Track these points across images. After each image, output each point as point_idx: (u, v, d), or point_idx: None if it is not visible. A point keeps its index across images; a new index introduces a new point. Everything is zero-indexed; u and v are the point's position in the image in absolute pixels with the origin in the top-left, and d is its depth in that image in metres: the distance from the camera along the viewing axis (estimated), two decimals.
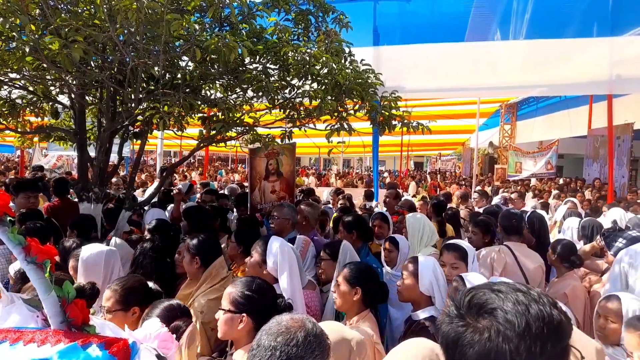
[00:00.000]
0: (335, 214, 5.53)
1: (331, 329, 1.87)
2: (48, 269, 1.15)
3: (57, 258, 2.85)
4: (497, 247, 3.74)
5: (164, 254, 3.33)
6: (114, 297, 2.23)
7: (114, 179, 8.35)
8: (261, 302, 2.04)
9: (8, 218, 1.13)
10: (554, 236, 5.45)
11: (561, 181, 16.62)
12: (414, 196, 11.64)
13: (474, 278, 2.47)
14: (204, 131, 4.50)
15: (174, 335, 1.30)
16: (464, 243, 3.24)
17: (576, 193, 11.44)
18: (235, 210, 5.94)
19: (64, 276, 2.29)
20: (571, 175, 20.16)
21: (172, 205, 5.45)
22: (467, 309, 1.02)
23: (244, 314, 1.99)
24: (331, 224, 5.49)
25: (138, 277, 2.47)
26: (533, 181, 16.80)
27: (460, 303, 1.05)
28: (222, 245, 4.15)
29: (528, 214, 4.90)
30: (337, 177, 22.31)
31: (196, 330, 2.08)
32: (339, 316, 2.92)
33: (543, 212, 6.37)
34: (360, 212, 5.78)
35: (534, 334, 0.93)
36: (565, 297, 3.43)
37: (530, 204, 8.73)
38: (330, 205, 7.49)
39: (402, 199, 6.86)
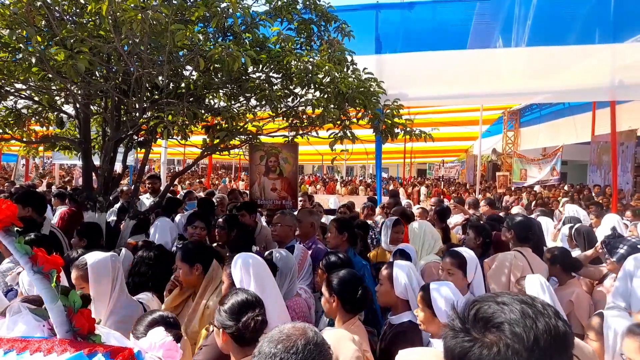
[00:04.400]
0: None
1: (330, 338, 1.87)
2: (54, 279, 1.16)
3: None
4: (511, 252, 3.70)
5: (163, 264, 3.34)
6: None
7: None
8: (233, 321, 2.06)
9: (15, 228, 1.15)
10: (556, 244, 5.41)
11: (565, 187, 16.56)
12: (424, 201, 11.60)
13: (443, 290, 2.47)
14: (208, 139, 4.53)
15: (179, 344, 1.31)
16: (466, 251, 3.21)
17: (582, 201, 11.39)
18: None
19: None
20: (575, 181, 20.12)
21: (179, 215, 5.45)
22: (472, 323, 1.00)
23: (221, 329, 2.05)
24: None
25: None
26: (537, 188, 16.75)
27: (464, 316, 1.03)
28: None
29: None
30: (342, 184, 22.40)
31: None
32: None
33: (547, 219, 6.37)
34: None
35: (542, 347, 0.93)
36: (571, 304, 3.45)
37: (515, 211, 8.75)
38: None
39: (394, 207, 6.86)
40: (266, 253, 3.28)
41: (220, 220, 4.62)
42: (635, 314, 2.83)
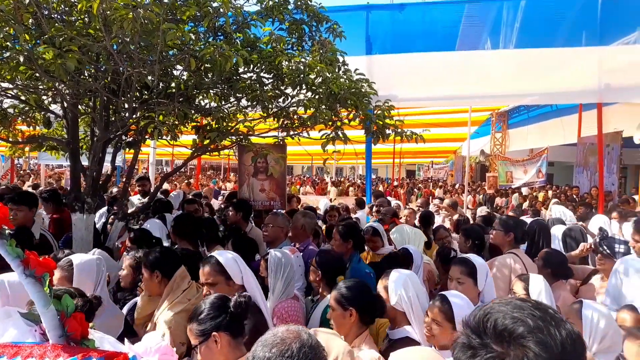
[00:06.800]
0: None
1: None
2: (47, 283, 1.13)
3: None
4: (509, 256, 3.66)
5: None
6: None
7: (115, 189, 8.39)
8: (222, 314, 1.99)
9: (7, 231, 1.12)
10: None
11: (550, 192, 16.73)
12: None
13: (456, 298, 2.40)
14: (198, 140, 4.49)
15: (174, 349, 1.29)
16: (475, 258, 3.03)
17: (571, 202, 11.52)
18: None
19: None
20: (561, 183, 20.36)
21: (169, 215, 5.40)
22: (494, 336, 0.94)
23: (214, 332, 1.92)
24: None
25: None
26: (525, 190, 16.91)
27: (481, 330, 0.97)
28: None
29: (530, 222, 4.91)
30: (333, 185, 22.41)
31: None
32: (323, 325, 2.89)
33: None
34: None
35: (568, 352, 0.92)
36: (558, 309, 3.47)
37: (481, 212, 8.94)
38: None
39: (384, 208, 6.93)
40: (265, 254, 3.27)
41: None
42: (620, 311, 2.85)
